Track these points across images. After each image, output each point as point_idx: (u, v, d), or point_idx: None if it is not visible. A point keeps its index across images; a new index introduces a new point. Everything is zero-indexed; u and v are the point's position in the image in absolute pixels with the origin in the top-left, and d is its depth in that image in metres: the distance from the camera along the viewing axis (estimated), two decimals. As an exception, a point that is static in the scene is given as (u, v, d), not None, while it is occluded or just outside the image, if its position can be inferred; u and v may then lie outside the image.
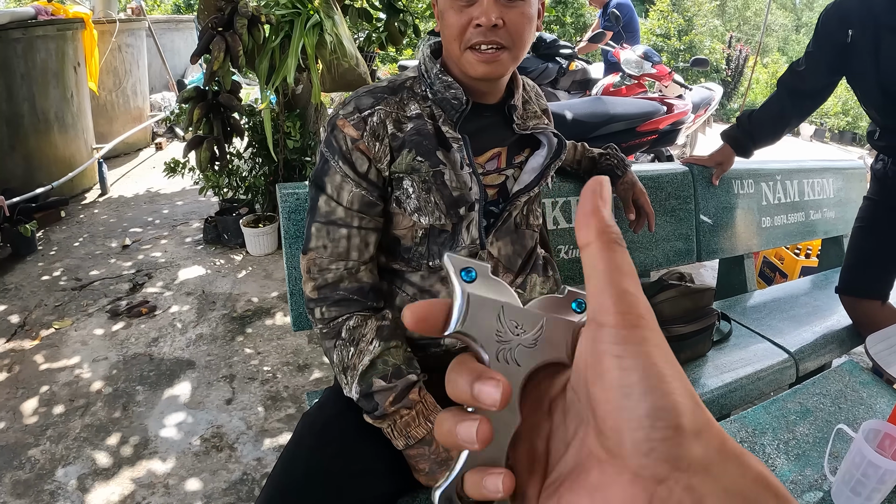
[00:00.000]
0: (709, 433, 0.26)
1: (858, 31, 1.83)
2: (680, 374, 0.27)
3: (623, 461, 0.26)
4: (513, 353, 0.31)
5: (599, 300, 0.28)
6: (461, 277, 0.31)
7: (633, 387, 0.26)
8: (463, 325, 0.31)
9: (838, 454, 1.18)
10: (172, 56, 7.53)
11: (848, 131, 10.47)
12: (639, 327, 0.27)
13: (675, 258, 2.19)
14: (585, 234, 0.30)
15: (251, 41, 2.76)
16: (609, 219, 0.30)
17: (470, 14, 1.05)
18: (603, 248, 0.29)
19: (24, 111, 4.21)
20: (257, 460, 2.09)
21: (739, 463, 0.26)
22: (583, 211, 0.31)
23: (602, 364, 0.27)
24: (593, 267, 0.29)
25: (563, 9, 10.15)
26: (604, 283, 0.29)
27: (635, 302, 0.28)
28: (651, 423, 0.26)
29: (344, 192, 1.12)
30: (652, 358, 0.27)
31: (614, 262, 0.29)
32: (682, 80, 4.37)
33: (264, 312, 3.10)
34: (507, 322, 0.31)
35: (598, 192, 0.31)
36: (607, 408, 0.27)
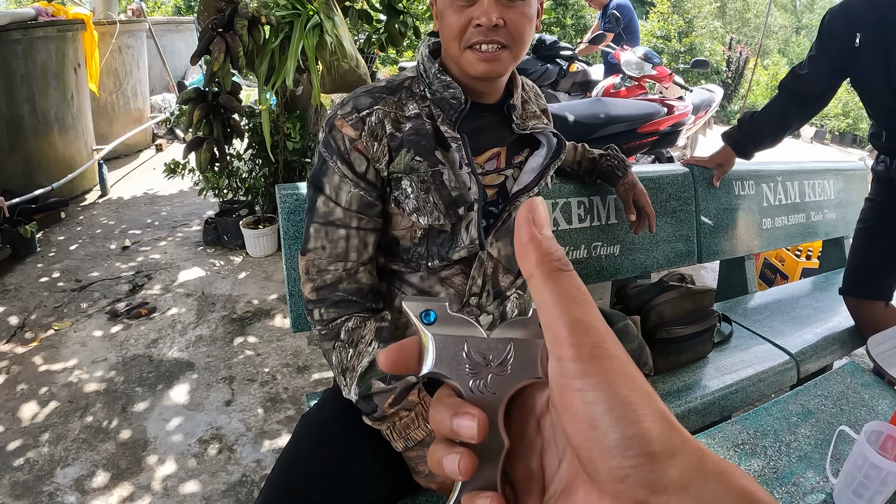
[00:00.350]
0: (684, 454, 0.26)
1: (867, 34, 1.83)
2: (647, 396, 0.27)
3: (601, 485, 0.27)
4: (486, 383, 0.32)
5: (552, 333, 0.28)
6: (422, 321, 0.33)
7: (599, 419, 0.26)
8: (433, 366, 0.32)
9: (840, 456, 1.17)
10: (173, 57, 7.53)
11: (848, 133, 10.47)
12: (595, 357, 0.27)
13: (676, 259, 2.19)
14: (526, 265, 0.30)
15: (251, 42, 2.76)
16: (548, 244, 0.30)
17: (470, 14, 1.04)
18: (546, 277, 0.29)
19: (24, 112, 4.20)
20: (256, 462, 2.09)
21: (721, 480, 0.26)
22: (519, 242, 0.31)
23: (566, 398, 0.28)
24: (541, 299, 0.29)
25: (563, 11, 10.15)
26: (553, 314, 0.29)
27: (589, 330, 0.28)
28: (622, 452, 0.26)
29: (342, 193, 1.11)
30: (614, 387, 0.27)
31: (560, 291, 0.29)
32: (682, 82, 4.37)
33: (264, 314, 3.09)
34: (475, 354, 0.32)
35: (530, 219, 0.31)
36: (578, 439, 0.27)
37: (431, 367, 0.32)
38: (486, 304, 1.21)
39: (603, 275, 2.02)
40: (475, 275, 1.19)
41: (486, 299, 1.21)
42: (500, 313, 1.22)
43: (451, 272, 1.19)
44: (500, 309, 1.22)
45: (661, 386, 1.72)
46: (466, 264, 1.20)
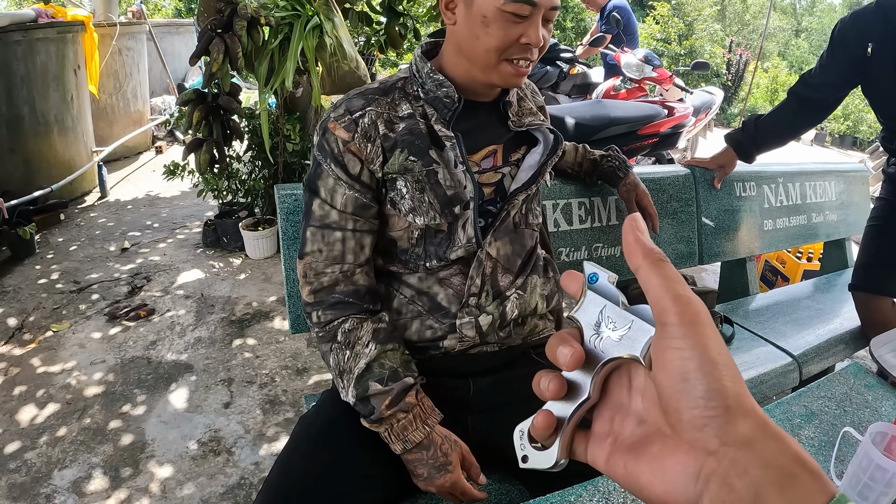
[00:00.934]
0: (753, 414, 0.32)
1: (879, 44, 1.85)
2: (730, 363, 0.33)
3: (681, 435, 0.33)
4: (602, 341, 0.39)
5: (660, 305, 0.35)
6: (587, 279, 0.42)
7: (691, 373, 0.33)
8: (576, 312, 0.41)
9: (844, 458, 1.16)
10: (173, 59, 7.53)
11: (849, 135, 10.48)
12: (695, 324, 0.34)
13: (677, 261, 2.18)
14: (635, 259, 0.38)
15: (250, 43, 2.75)
16: (650, 243, 0.38)
17: (521, 30, 1.06)
18: (651, 266, 0.37)
19: (24, 113, 4.20)
20: (255, 465, 2.07)
21: (780, 442, 0.31)
22: (627, 242, 0.39)
23: (666, 355, 0.34)
24: (648, 282, 0.36)
25: (563, 13, 10.17)
26: (661, 291, 0.36)
27: (689, 303, 0.35)
28: (705, 402, 0.32)
29: (337, 196, 1.11)
30: (706, 349, 0.33)
31: (664, 274, 0.36)
32: (682, 84, 4.37)
33: (263, 316, 3.08)
34: (606, 318, 0.40)
35: (634, 226, 0.39)
36: (670, 391, 0.34)
37: (576, 312, 0.41)
38: (486, 304, 1.20)
39: (604, 276, 2.01)
40: (473, 275, 1.18)
41: (486, 299, 1.20)
42: (499, 313, 1.20)
43: (449, 272, 1.18)
44: (500, 309, 1.21)
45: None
46: (465, 264, 1.19)
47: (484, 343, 1.21)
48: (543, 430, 0.39)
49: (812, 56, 18.68)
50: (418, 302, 1.19)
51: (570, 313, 0.41)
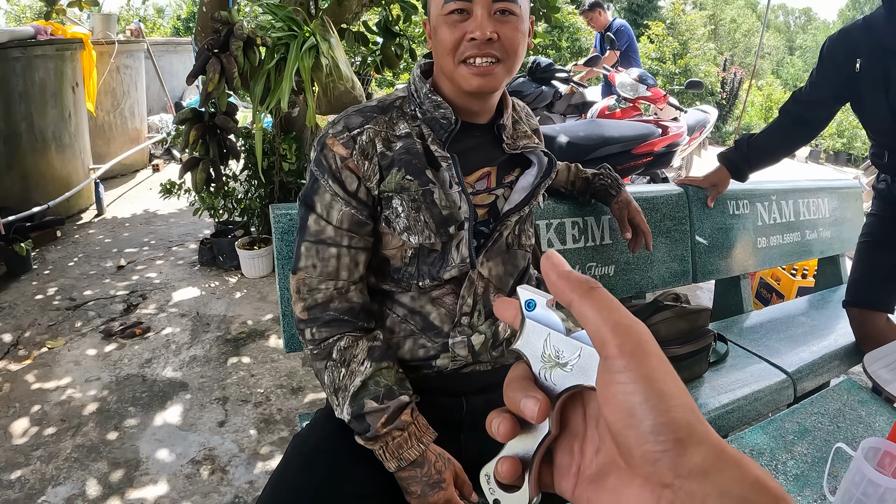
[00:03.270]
0: (707, 443, 0.30)
1: (867, 60, 1.87)
2: (680, 390, 0.32)
3: (634, 469, 0.32)
4: (551, 373, 0.37)
5: (599, 338, 0.33)
6: (523, 306, 0.39)
7: (636, 408, 0.31)
8: (519, 345, 0.39)
9: (837, 474, 1.16)
10: (171, 78, 7.57)
11: (843, 152, 10.54)
12: (636, 354, 0.32)
13: (671, 279, 2.19)
14: (565, 295, 0.35)
15: (247, 63, 2.77)
16: (576, 274, 0.36)
17: (464, 28, 1.06)
18: (582, 296, 0.35)
19: (21, 130, 4.22)
20: (249, 483, 2.06)
21: (737, 468, 0.30)
22: (551, 281, 0.36)
23: (609, 390, 0.32)
24: (583, 314, 0.34)
25: (558, 33, 10.24)
26: (597, 323, 0.33)
27: (629, 331, 0.33)
28: (654, 437, 0.30)
29: (333, 211, 1.12)
30: (651, 380, 0.31)
31: (598, 303, 0.34)
32: (677, 103, 4.40)
33: (258, 335, 3.08)
34: (551, 347, 0.38)
35: (552, 263, 0.37)
36: (617, 427, 0.32)
37: (519, 345, 0.39)
38: (478, 323, 1.20)
39: (598, 294, 2.01)
40: (465, 294, 1.18)
41: (478, 319, 1.20)
42: (492, 333, 1.21)
43: (441, 292, 1.19)
44: (493, 328, 1.21)
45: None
46: (457, 284, 1.19)
47: (477, 362, 1.22)
48: (510, 477, 0.37)
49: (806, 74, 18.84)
50: (411, 321, 1.19)
51: (514, 346, 0.39)
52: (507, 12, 1.07)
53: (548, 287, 0.37)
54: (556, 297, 0.37)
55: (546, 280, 0.37)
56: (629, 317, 0.33)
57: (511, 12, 1.08)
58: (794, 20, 31.34)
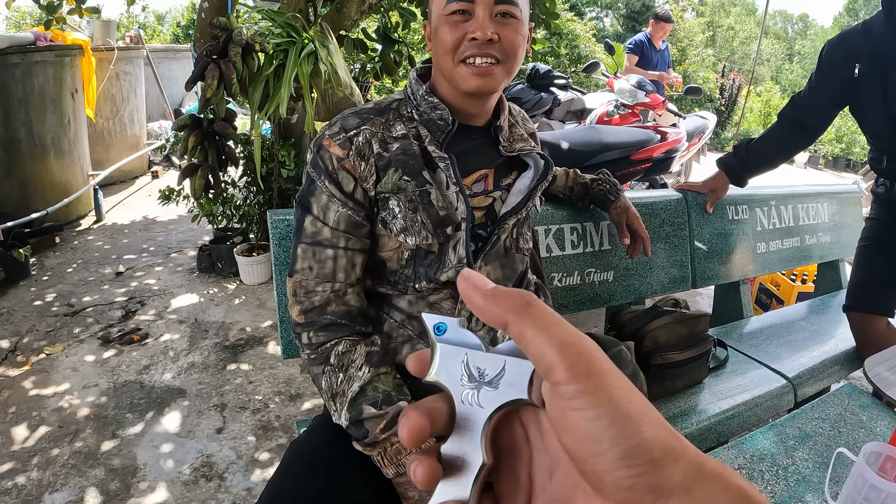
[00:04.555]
0: (685, 458, 0.27)
1: (866, 65, 1.88)
2: (644, 406, 0.28)
3: (606, 495, 0.28)
4: (476, 396, 0.33)
5: (544, 361, 0.29)
6: (434, 331, 0.35)
7: (602, 433, 0.27)
8: (435, 373, 0.34)
9: (839, 479, 1.16)
10: (170, 85, 7.58)
11: (842, 158, 10.56)
12: (591, 375, 0.28)
13: (670, 285, 2.18)
14: (496, 318, 0.31)
15: (245, 69, 2.77)
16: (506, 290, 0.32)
17: (465, 28, 1.07)
18: (518, 315, 0.31)
19: (20, 136, 4.22)
20: (247, 490, 2.05)
21: (719, 480, 0.27)
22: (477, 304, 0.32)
23: (566, 418, 0.28)
24: (523, 336, 0.30)
25: (557, 40, 10.26)
26: (540, 345, 0.29)
27: (579, 351, 0.29)
28: (627, 462, 0.27)
29: (330, 213, 1.11)
30: (614, 402, 0.28)
31: (537, 322, 0.30)
32: (675, 109, 4.41)
33: (257, 341, 3.07)
34: (472, 368, 0.34)
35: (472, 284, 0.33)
36: (582, 455, 0.28)
37: (433, 375, 0.34)
38: (476, 328, 1.20)
39: (597, 301, 2.01)
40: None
41: (476, 323, 1.20)
42: (490, 338, 1.21)
43: (439, 296, 1.18)
44: (491, 334, 1.21)
45: (656, 411, 1.70)
46: (455, 288, 1.19)
47: None
48: None
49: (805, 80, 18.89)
50: (409, 326, 1.19)
51: (427, 377, 0.34)
52: (508, 15, 1.08)
53: (475, 312, 0.33)
54: (488, 322, 0.32)
55: (470, 305, 0.33)
56: (574, 333, 0.30)
57: (512, 15, 1.09)
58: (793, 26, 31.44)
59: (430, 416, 0.33)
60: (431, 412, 0.33)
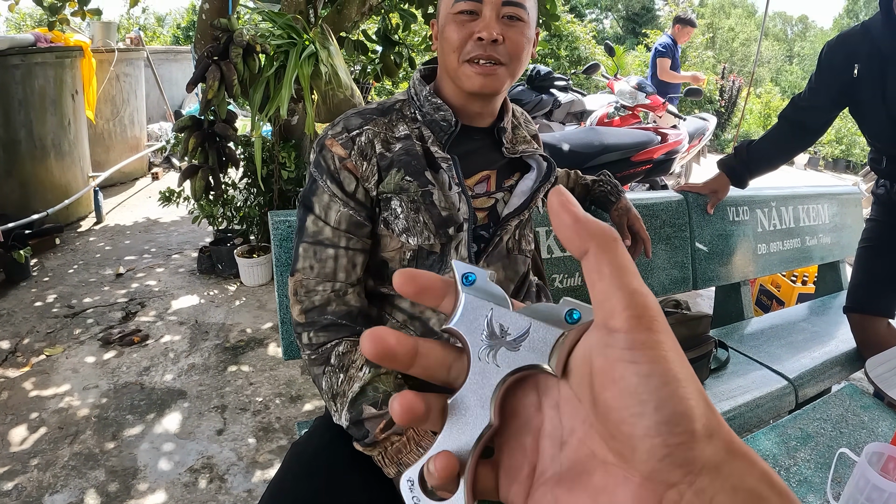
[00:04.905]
0: (719, 433, 0.26)
1: (865, 65, 1.88)
2: (693, 375, 0.27)
3: (633, 465, 0.27)
4: (495, 353, 0.32)
5: (609, 304, 0.28)
6: (462, 281, 0.33)
7: (650, 393, 0.26)
8: (457, 322, 0.33)
9: (841, 479, 1.16)
10: (170, 86, 7.59)
11: (842, 159, 10.56)
12: (653, 330, 0.27)
13: (671, 286, 2.18)
14: (579, 242, 0.30)
15: (246, 71, 2.77)
16: (595, 221, 0.30)
17: (471, 28, 1.08)
18: (602, 249, 0.29)
19: (21, 137, 4.22)
20: (248, 492, 2.05)
21: (747, 460, 0.26)
22: (564, 224, 0.30)
23: (615, 370, 0.27)
24: (599, 271, 0.29)
25: (557, 42, 10.27)
26: (611, 285, 0.28)
27: (646, 303, 0.28)
28: (669, 429, 0.26)
29: (332, 212, 1.12)
30: (668, 362, 0.26)
31: (618, 262, 0.29)
32: (676, 111, 4.41)
33: (257, 343, 3.07)
34: (495, 324, 0.32)
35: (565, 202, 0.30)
36: (622, 414, 0.27)
37: (455, 323, 0.33)
38: None
39: (598, 301, 2.01)
40: None
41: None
42: None
43: None
44: None
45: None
46: None
47: None
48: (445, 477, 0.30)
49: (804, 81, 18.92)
50: (410, 326, 1.19)
51: (446, 325, 0.33)
52: (514, 17, 1.09)
53: (556, 231, 0.31)
54: (566, 245, 0.31)
55: (555, 223, 0.30)
56: (644, 287, 0.28)
57: (518, 17, 1.10)
58: (792, 28, 31.47)
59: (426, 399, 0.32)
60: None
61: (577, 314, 0.32)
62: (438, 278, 0.34)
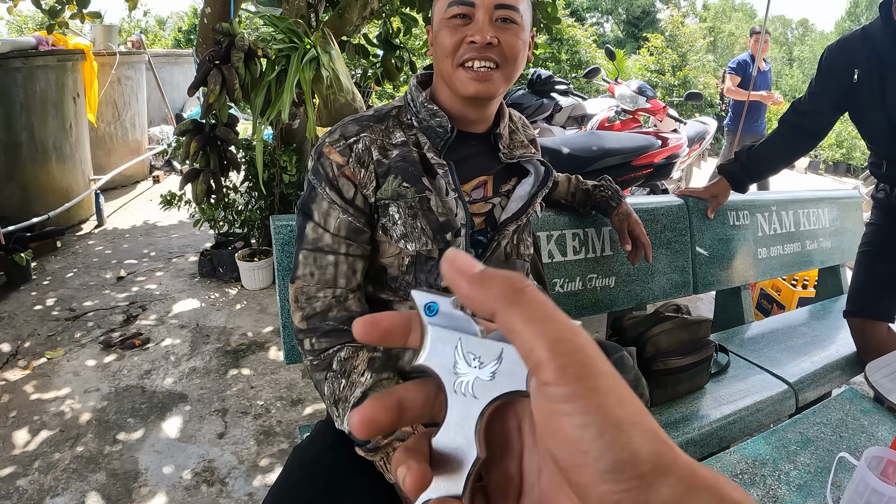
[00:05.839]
0: (675, 471, 0.25)
1: (865, 70, 1.89)
2: (638, 413, 0.26)
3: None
4: (471, 384, 0.30)
5: (533, 358, 0.27)
6: (424, 312, 0.32)
7: (590, 443, 0.25)
8: (426, 358, 0.31)
9: (841, 483, 1.16)
10: (171, 90, 7.60)
11: (842, 163, 10.57)
12: (583, 378, 0.26)
13: (672, 290, 2.18)
14: (484, 303, 0.28)
15: (248, 75, 2.78)
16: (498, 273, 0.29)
17: (464, 32, 1.08)
18: (509, 303, 0.28)
19: (22, 140, 4.23)
20: (249, 496, 2.05)
21: (713, 493, 0.25)
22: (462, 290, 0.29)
23: (552, 423, 0.26)
24: (512, 327, 0.27)
25: (558, 46, 10.28)
26: (530, 338, 0.27)
27: (571, 349, 0.26)
28: (613, 476, 0.25)
29: (331, 219, 1.12)
30: (605, 409, 0.25)
31: (530, 311, 0.27)
32: (676, 115, 4.41)
33: (258, 347, 3.07)
34: (466, 354, 0.31)
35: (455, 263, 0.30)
36: (567, 464, 0.26)
37: (424, 359, 0.31)
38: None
39: (598, 307, 2.01)
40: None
41: None
42: None
43: None
44: None
45: (658, 417, 1.70)
46: None
47: None
48: None
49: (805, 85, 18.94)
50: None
51: (416, 362, 0.32)
52: (508, 20, 1.09)
53: (462, 299, 0.30)
54: (475, 311, 0.30)
55: (455, 291, 0.30)
56: (568, 327, 0.27)
57: (512, 20, 1.10)
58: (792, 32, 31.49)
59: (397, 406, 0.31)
60: (400, 402, 0.31)
61: None
62: (399, 316, 0.33)
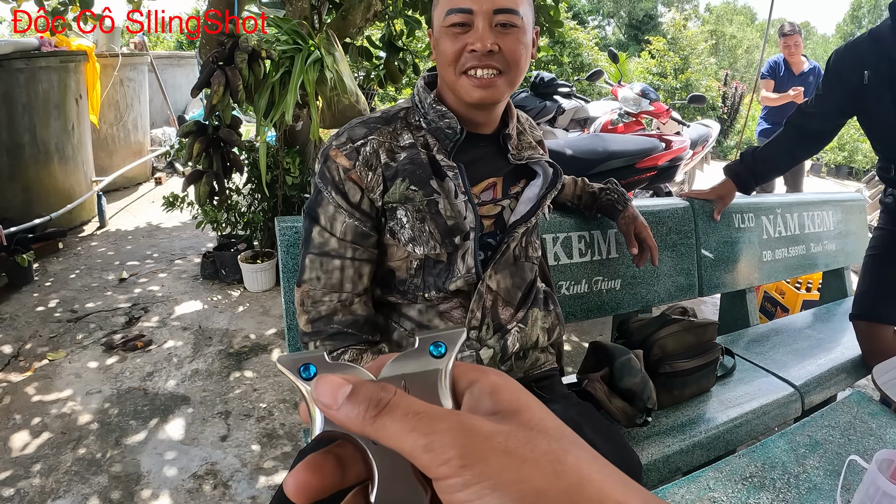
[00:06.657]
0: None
1: (874, 73, 1.88)
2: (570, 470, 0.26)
3: None
4: None
5: (419, 463, 0.26)
6: (301, 377, 0.29)
7: None
8: (323, 426, 0.29)
9: (850, 486, 1.15)
10: (174, 91, 7.60)
11: (844, 166, 10.56)
12: (469, 465, 0.25)
13: (677, 293, 2.18)
14: (355, 429, 0.28)
15: (251, 76, 2.78)
16: (354, 393, 0.28)
17: (465, 40, 1.07)
18: (373, 420, 0.27)
19: (24, 141, 4.23)
20: (252, 499, 2.04)
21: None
22: (338, 420, 0.28)
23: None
24: (387, 443, 0.27)
25: (560, 48, 10.29)
26: (405, 447, 0.26)
27: (448, 443, 0.26)
28: None
29: (337, 223, 1.11)
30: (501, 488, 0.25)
31: (397, 420, 0.27)
32: (679, 117, 4.41)
33: (261, 349, 3.07)
34: None
35: (320, 399, 0.28)
36: None
37: (322, 428, 0.29)
38: (487, 337, 1.19)
39: (604, 309, 2.01)
40: (474, 308, 1.17)
41: (486, 332, 1.19)
42: (501, 347, 1.20)
43: (449, 305, 1.18)
44: (502, 343, 1.20)
45: (664, 420, 1.70)
46: (465, 297, 1.18)
47: None
48: None
49: (806, 90, 18.94)
50: (419, 335, 1.18)
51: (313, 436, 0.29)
52: (508, 25, 1.08)
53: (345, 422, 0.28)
54: (352, 433, 0.28)
55: (330, 417, 0.28)
56: (442, 415, 0.27)
57: (512, 24, 1.08)
58: (794, 36, 31.45)
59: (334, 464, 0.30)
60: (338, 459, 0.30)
61: (441, 345, 0.30)
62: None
